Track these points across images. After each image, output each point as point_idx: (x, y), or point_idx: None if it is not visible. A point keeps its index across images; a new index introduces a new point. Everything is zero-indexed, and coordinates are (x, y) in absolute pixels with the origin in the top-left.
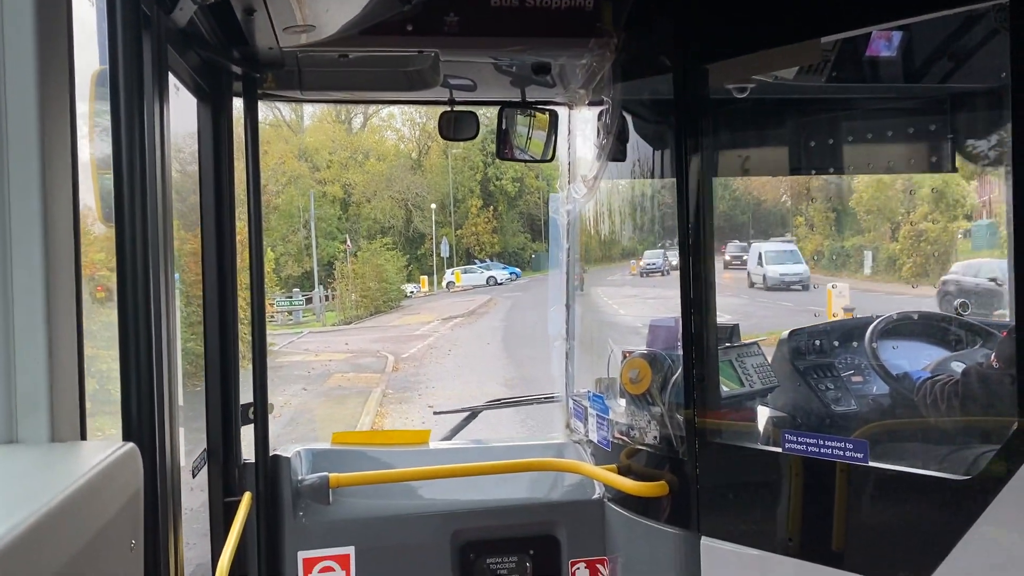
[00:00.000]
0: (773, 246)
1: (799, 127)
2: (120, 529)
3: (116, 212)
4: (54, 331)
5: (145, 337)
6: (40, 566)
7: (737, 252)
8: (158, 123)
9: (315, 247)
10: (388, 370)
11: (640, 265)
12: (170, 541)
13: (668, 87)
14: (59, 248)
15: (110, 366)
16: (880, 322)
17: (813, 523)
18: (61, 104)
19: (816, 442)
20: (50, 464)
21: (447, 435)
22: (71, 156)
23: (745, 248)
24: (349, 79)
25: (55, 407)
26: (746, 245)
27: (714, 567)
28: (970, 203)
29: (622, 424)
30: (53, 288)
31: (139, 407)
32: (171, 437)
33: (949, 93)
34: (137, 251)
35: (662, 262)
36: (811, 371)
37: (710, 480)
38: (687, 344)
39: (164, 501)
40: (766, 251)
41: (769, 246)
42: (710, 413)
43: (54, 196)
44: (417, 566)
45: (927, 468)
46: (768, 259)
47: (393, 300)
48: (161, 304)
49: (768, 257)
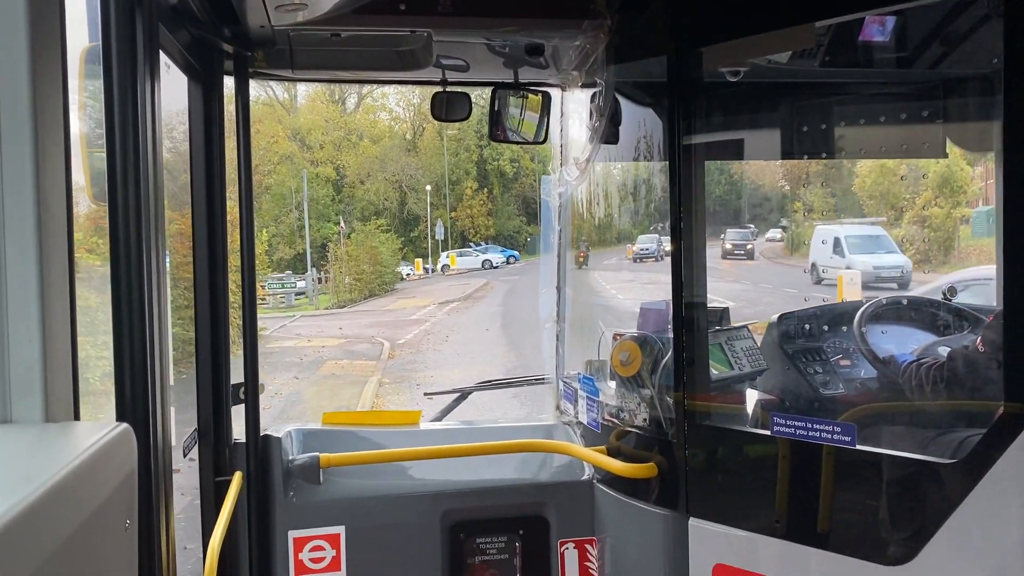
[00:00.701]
0: (854, 230)
1: (792, 111)
2: (115, 509)
3: (109, 191)
4: (47, 311)
5: (139, 317)
6: (36, 547)
7: (739, 240)
8: (150, 101)
9: (308, 228)
10: (384, 357)
11: (634, 250)
12: (162, 521)
13: (662, 70)
14: (52, 228)
15: (87, 352)
16: (869, 306)
17: (800, 505)
18: (54, 82)
19: (804, 425)
20: (45, 445)
21: (438, 416)
22: (64, 135)
23: (748, 236)
24: (341, 58)
25: (49, 387)
26: (748, 232)
27: (702, 548)
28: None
29: (612, 406)
30: (46, 268)
31: (133, 388)
32: (163, 417)
33: (941, 79)
34: (131, 230)
35: (656, 247)
36: (800, 355)
37: (699, 462)
38: (677, 327)
39: (157, 481)
40: (847, 236)
41: (849, 230)
42: (699, 396)
43: (47, 176)
44: (407, 546)
45: (913, 451)
46: (851, 247)
47: (388, 283)
48: (153, 284)
49: (851, 244)
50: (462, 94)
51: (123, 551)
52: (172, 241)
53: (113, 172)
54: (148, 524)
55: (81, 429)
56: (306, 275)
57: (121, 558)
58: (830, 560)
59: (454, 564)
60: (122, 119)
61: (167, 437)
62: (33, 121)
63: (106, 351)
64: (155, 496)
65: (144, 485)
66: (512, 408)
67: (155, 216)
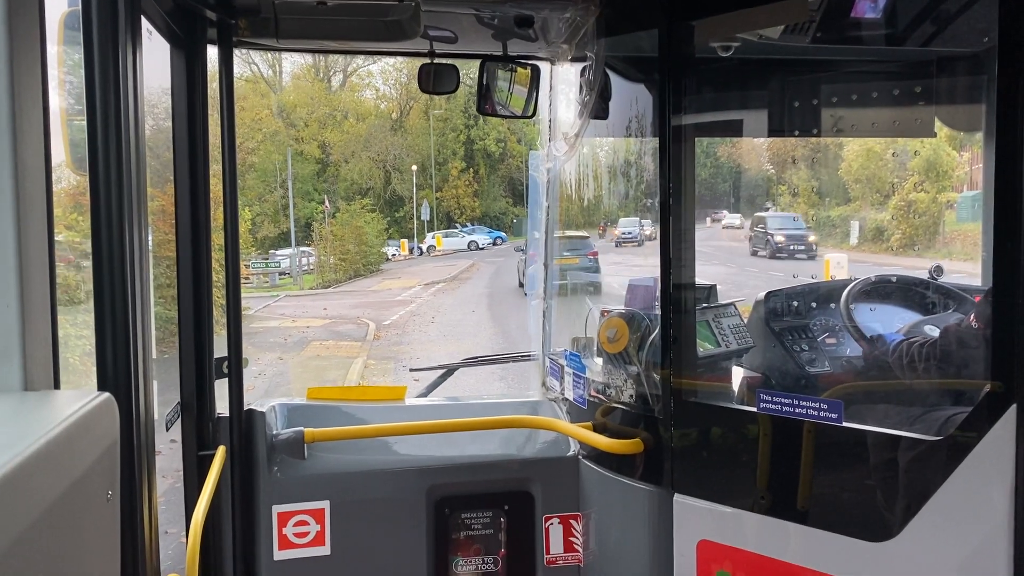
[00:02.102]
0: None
1: (783, 87)
2: (97, 479)
3: (90, 160)
4: (26, 279)
5: (120, 287)
6: (15, 515)
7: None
8: (131, 68)
9: (292, 207)
10: (369, 338)
11: (616, 234)
12: (144, 493)
13: (652, 44)
14: (31, 194)
15: (67, 331)
16: (857, 284)
17: (785, 481)
18: (32, 49)
19: (791, 402)
20: (24, 413)
21: (423, 392)
22: (43, 104)
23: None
24: (326, 28)
25: (28, 355)
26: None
27: (686, 523)
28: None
29: (598, 382)
30: (24, 235)
31: (115, 358)
32: (145, 389)
33: (932, 56)
34: (112, 199)
35: (637, 231)
36: (786, 332)
37: (684, 438)
38: (664, 304)
39: (140, 452)
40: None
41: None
42: (686, 373)
43: (25, 143)
44: (392, 521)
45: (899, 429)
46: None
47: (373, 264)
48: (135, 254)
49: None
50: (450, 66)
51: (106, 521)
52: (154, 219)
53: (94, 140)
54: (131, 495)
55: (62, 397)
56: (290, 253)
57: (103, 528)
58: (814, 536)
59: (439, 539)
60: (103, 86)
61: (149, 409)
62: (10, 89)
63: (86, 330)
64: (137, 467)
65: (126, 456)
66: (498, 390)
67: (136, 184)
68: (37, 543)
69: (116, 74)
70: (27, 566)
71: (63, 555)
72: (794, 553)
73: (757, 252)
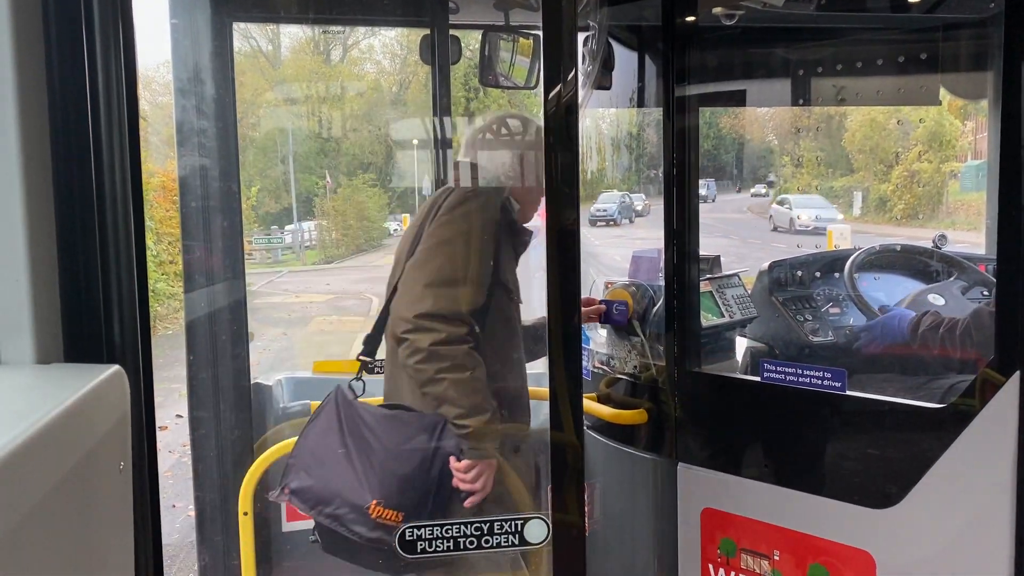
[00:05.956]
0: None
1: (788, 57)
2: (109, 451)
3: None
4: (34, 250)
5: (126, 257)
6: (28, 488)
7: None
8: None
9: (293, 182)
10: (372, 313)
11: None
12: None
13: (656, 12)
14: (35, 162)
15: None
16: (861, 253)
17: (788, 450)
18: (33, 18)
19: (795, 371)
20: (35, 386)
21: None
22: (46, 70)
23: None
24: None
25: (37, 328)
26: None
27: (690, 492)
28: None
29: (602, 354)
30: (30, 205)
31: (122, 330)
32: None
33: (938, 23)
34: (115, 165)
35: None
36: (790, 302)
37: (688, 408)
38: (669, 275)
39: (146, 425)
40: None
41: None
42: (689, 343)
43: (27, 111)
44: None
45: (903, 397)
46: None
47: (375, 239)
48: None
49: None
50: (451, 37)
51: (118, 493)
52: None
53: (97, 112)
54: (141, 466)
55: (72, 370)
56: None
57: (116, 499)
58: (817, 504)
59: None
60: (104, 58)
61: (151, 379)
62: (15, 62)
63: None
64: (147, 440)
65: (136, 427)
66: None
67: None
68: (51, 514)
69: (118, 48)
70: (42, 537)
71: (77, 526)
72: (797, 520)
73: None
